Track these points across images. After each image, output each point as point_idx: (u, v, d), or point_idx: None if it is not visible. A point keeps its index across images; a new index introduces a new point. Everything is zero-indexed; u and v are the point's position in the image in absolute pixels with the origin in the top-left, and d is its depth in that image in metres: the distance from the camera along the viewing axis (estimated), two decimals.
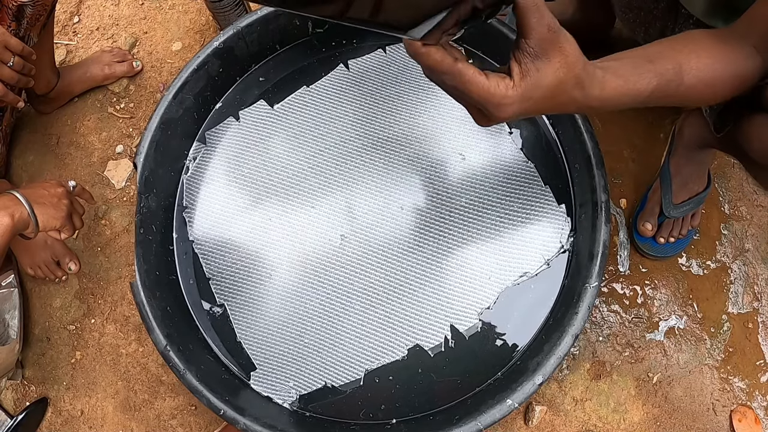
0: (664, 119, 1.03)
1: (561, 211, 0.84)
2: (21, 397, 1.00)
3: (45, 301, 1.04)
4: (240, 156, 0.91)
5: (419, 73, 0.91)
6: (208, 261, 0.85)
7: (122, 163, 1.10)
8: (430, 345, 0.79)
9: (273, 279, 0.84)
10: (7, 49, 0.76)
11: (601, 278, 0.74)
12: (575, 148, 0.83)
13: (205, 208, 0.89)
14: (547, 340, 0.74)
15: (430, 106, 0.90)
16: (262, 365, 0.80)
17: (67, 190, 0.79)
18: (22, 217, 0.71)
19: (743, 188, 1.00)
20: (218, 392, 0.73)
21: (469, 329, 0.79)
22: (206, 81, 0.90)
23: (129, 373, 0.99)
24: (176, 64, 1.16)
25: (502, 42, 0.87)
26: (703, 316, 0.94)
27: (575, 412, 0.91)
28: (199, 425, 0.95)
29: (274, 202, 0.87)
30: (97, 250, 1.06)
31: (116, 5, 1.22)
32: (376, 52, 0.94)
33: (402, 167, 0.87)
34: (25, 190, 0.74)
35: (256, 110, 0.94)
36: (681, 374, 0.92)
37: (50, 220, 0.74)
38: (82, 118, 1.14)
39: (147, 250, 0.82)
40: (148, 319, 0.76)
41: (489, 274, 0.82)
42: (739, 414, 0.90)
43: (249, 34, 0.90)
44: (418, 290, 0.82)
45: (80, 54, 1.20)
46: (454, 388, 0.78)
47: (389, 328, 0.80)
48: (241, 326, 0.82)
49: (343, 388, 0.79)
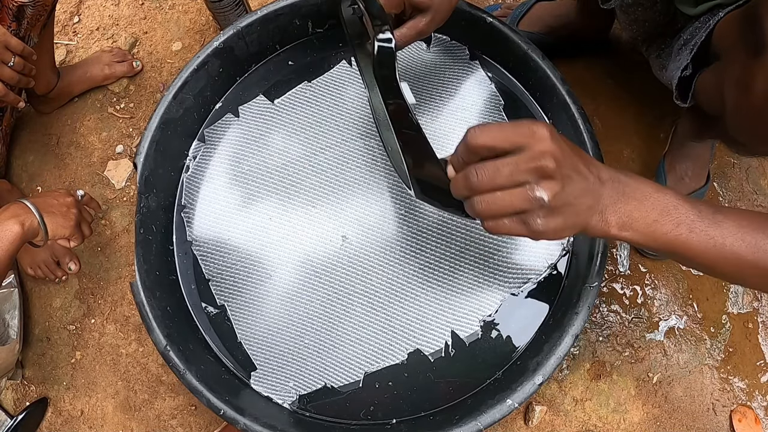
0: (664, 119, 1.03)
1: None
2: (21, 397, 1.00)
3: (45, 301, 1.04)
4: (240, 153, 0.90)
5: (423, 71, 0.91)
6: (208, 262, 0.85)
7: (122, 163, 1.10)
8: (431, 350, 0.79)
9: (273, 279, 0.84)
10: (7, 50, 0.76)
11: (601, 278, 0.74)
12: None
13: (204, 207, 0.88)
14: (547, 340, 0.74)
15: (434, 105, 0.90)
16: (262, 365, 0.80)
17: (75, 199, 0.81)
18: (32, 226, 0.73)
19: (743, 188, 1.00)
20: (218, 392, 0.73)
21: (470, 335, 0.79)
22: (206, 81, 0.90)
23: (129, 373, 0.99)
24: (176, 64, 1.16)
25: (503, 44, 0.87)
26: (703, 316, 0.94)
27: (575, 412, 0.91)
28: (199, 425, 0.95)
29: (274, 200, 0.87)
30: (97, 250, 1.06)
31: (116, 5, 1.22)
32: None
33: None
34: (35, 199, 0.76)
35: (256, 105, 0.93)
36: (681, 374, 0.92)
37: (59, 229, 0.76)
38: (82, 118, 1.14)
39: (147, 250, 0.82)
40: (148, 319, 0.76)
41: (493, 280, 0.81)
42: (739, 414, 0.90)
43: (249, 34, 0.90)
44: (420, 294, 0.81)
45: (80, 54, 1.20)
46: (454, 388, 0.78)
47: (390, 331, 0.80)
48: (241, 326, 0.82)
49: (342, 389, 0.78)
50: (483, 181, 0.46)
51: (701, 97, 0.68)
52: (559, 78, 0.83)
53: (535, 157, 0.45)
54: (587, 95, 1.04)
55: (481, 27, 0.87)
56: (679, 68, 0.67)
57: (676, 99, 0.70)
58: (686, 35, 0.67)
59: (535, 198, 0.45)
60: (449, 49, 0.93)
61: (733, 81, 0.56)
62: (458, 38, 0.93)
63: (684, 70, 0.67)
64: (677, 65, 0.68)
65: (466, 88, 0.90)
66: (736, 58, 0.56)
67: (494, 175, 0.45)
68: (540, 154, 0.45)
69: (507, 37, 0.86)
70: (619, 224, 0.49)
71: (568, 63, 1.02)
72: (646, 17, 0.74)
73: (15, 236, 0.70)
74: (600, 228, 0.49)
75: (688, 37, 0.67)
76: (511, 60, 0.89)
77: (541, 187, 0.45)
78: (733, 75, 0.56)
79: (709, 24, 0.62)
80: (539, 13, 1.04)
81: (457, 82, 0.91)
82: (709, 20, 0.63)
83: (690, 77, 0.68)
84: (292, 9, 0.90)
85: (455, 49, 0.93)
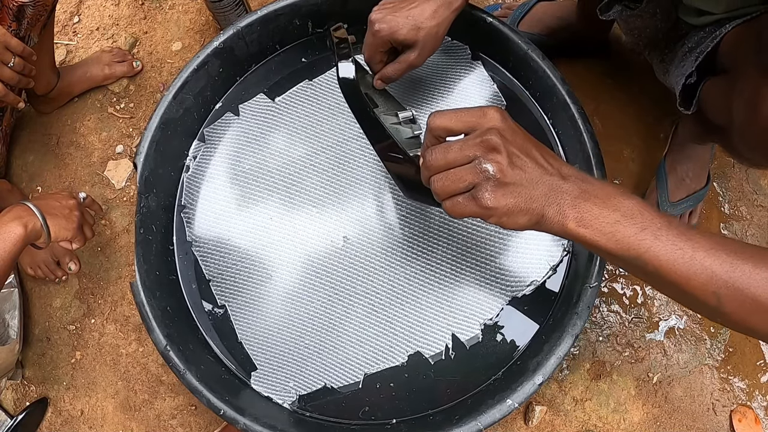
0: (664, 119, 1.03)
1: None
2: (21, 397, 1.00)
3: (45, 301, 1.04)
4: (240, 152, 0.90)
5: (425, 71, 0.91)
6: (208, 262, 0.85)
7: (122, 163, 1.10)
8: (431, 352, 0.79)
9: (274, 279, 0.83)
10: (7, 50, 0.76)
11: (601, 278, 0.73)
12: (575, 148, 0.82)
13: (205, 207, 0.88)
14: (547, 340, 0.74)
15: (436, 105, 0.90)
16: (262, 365, 0.80)
17: (78, 202, 0.82)
18: (34, 228, 0.73)
19: (743, 188, 1.00)
20: (218, 392, 0.73)
21: (470, 338, 0.79)
22: (206, 81, 0.90)
23: (129, 373, 0.99)
24: (176, 64, 1.16)
25: (503, 44, 0.87)
26: (703, 316, 0.94)
27: (575, 412, 0.91)
28: (199, 425, 0.95)
29: (275, 200, 0.87)
30: (97, 250, 1.06)
31: (116, 5, 1.22)
32: None
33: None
34: (38, 201, 0.76)
35: (256, 104, 0.93)
36: (681, 374, 0.92)
37: (62, 231, 0.77)
38: (82, 118, 1.14)
39: (147, 250, 0.82)
40: (148, 319, 0.76)
41: (495, 283, 0.80)
42: (739, 414, 0.90)
43: (249, 34, 0.90)
44: (422, 297, 0.80)
45: (80, 54, 1.20)
46: (454, 388, 0.78)
47: (390, 333, 0.80)
48: (241, 327, 0.82)
49: (342, 390, 0.78)
50: (437, 157, 0.48)
51: (706, 107, 0.67)
52: (559, 78, 0.83)
53: (482, 133, 0.48)
54: (587, 95, 1.04)
55: (481, 27, 0.87)
56: (684, 75, 0.67)
57: (680, 106, 0.69)
58: (691, 43, 0.67)
59: (482, 169, 0.47)
60: (451, 49, 0.93)
61: (743, 99, 0.55)
62: (458, 38, 0.93)
63: (689, 77, 0.67)
64: (681, 72, 0.68)
65: (468, 88, 0.90)
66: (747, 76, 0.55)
67: (446, 152, 0.48)
68: (486, 130, 0.48)
69: (507, 37, 0.86)
70: (578, 219, 0.47)
71: (568, 63, 1.02)
72: (647, 25, 0.74)
73: (18, 238, 0.70)
74: (557, 221, 0.47)
75: (693, 45, 0.66)
76: (511, 60, 0.89)
77: (488, 160, 0.47)
78: (743, 93, 0.55)
79: (716, 34, 0.61)
80: (540, 14, 1.04)
81: (459, 83, 0.91)
82: (715, 30, 0.62)
83: (694, 84, 0.68)
84: (292, 9, 0.90)
85: (457, 50, 0.93)
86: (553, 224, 0.48)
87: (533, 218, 0.48)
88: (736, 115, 0.57)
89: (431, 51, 0.74)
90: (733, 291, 0.45)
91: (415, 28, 0.70)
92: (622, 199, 0.47)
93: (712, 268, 0.45)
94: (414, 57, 0.73)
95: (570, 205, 0.47)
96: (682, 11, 0.66)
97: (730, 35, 0.60)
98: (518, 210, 0.47)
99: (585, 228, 0.47)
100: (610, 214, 0.46)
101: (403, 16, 0.70)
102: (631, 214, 0.46)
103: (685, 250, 0.45)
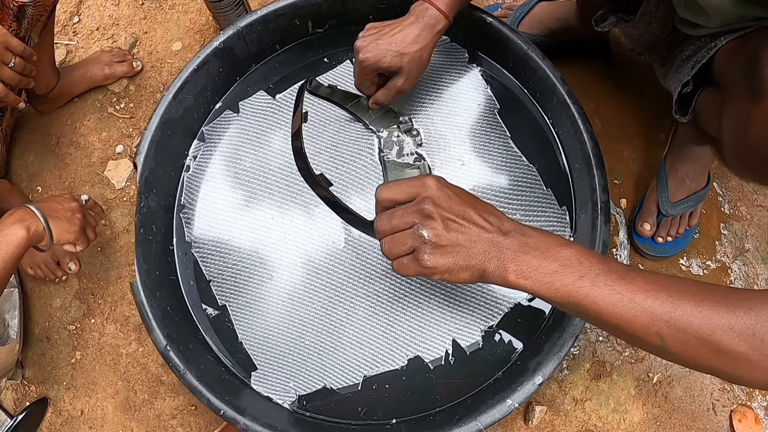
0: (664, 119, 1.03)
1: (563, 214, 0.84)
2: (21, 397, 1.00)
3: (45, 301, 1.04)
4: (240, 150, 0.90)
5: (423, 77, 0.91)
6: (208, 263, 0.85)
7: (122, 163, 1.10)
8: (431, 357, 0.78)
9: (275, 280, 0.83)
10: (8, 50, 0.76)
11: None
12: (575, 148, 0.83)
13: (205, 207, 0.88)
14: (547, 340, 0.74)
15: (431, 110, 0.90)
16: (262, 365, 0.80)
17: (80, 204, 0.82)
18: (37, 231, 0.73)
19: (743, 188, 1.00)
20: (218, 392, 0.73)
21: (471, 345, 0.79)
22: (206, 81, 0.90)
23: (129, 373, 0.99)
24: (176, 64, 1.16)
25: (503, 44, 0.87)
26: None
27: (575, 412, 0.91)
28: (199, 425, 0.95)
29: (276, 200, 0.87)
30: (97, 250, 1.06)
31: (116, 5, 1.22)
32: None
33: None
34: (40, 204, 0.76)
35: (257, 101, 0.93)
36: (681, 374, 0.92)
37: (64, 234, 0.77)
38: (82, 118, 1.14)
39: (147, 250, 0.82)
40: (148, 319, 0.76)
41: (497, 289, 0.80)
42: (739, 414, 0.90)
43: (249, 34, 0.90)
44: (423, 301, 0.80)
45: (80, 54, 1.20)
46: (454, 388, 0.78)
47: (390, 336, 0.79)
48: (242, 327, 0.82)
49: (341, 391, 0.78)
50: (383, 223, 0.55)
51: (701, 117, 0.67)
52: (559, 78, 0.83)
53: (419, 202, 0.53)
54: (587, 95, 1.04)
55: (481, 27, 0.87)
56: (681, 83, 0.67)
57: (675, 113, 0.70)
58: (688, 51, 0.66)
59: (419, 235, 0.52)
60: (449, 51, 0.93)
61: (732, 119, 0.56)
62: (458, 39, 0.93)
63: (685, 86, 0.67)
64: (678, 79, 0.68)
65: (462, 91, 0.91)
66: (737, 96, 0.55)
67: (390, 219, 0.54)
68: (423, 199, 0.53)
69: (507, 37, 0.86)
70: (518, 272, 0.50)
71: (568, 63, 1.02)
72: (645, 32, 0.74)
73: (20, 240, 0.71)
74: (498, 274, 0.51)
75: (691, 53, 0.66)
76: (511, 60, 0.89)
77: (425, 226, 0.52)
78: (733, 112, 0.56)
79: (711, 45, 0.61)
80: (540, 14, 1.04)
81: (454, 85, 0.91)
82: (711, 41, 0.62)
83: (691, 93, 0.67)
84: (292, 9, 0.90)
85: (455, 52, 0.93)
86: (495, 277, 0.51)
87: (475, 273, 0.52)
88: (726, 134, 0.57)
89: (417, 75, 0.77)
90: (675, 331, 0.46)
91: (399, 54, 0.73)
92: (561, 249, 0.50)
93: (652, 309, 0.46)
94: (401, 83, 0.76)
95: (510, 259, 0.51)
96: (678, 21, 0.66)
97: (725, 48, 0.60)
98: (457, 267, 0.51)
99: (525, 279, 0.50)
100: (549, 265, 0.50)
101: (387, 43, 0.73)
102: (569, 263, 0.49)
103: (623, 294, 0.47)
